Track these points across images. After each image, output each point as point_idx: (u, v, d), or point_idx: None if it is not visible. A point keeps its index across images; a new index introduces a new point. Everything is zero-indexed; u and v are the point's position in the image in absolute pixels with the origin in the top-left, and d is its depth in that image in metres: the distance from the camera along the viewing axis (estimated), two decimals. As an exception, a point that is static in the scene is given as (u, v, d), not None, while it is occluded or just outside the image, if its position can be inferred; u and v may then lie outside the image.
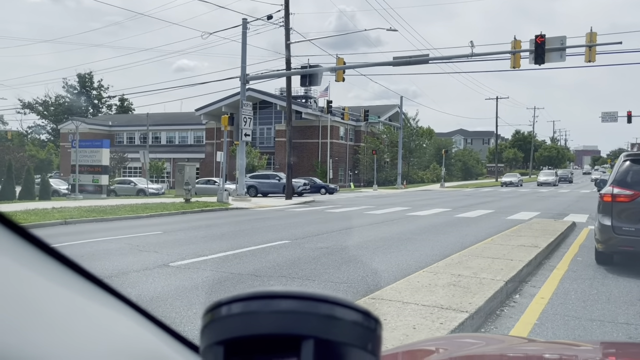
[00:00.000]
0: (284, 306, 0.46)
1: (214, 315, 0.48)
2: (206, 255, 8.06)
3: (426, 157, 58.69)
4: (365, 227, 12.61)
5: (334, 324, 0.46)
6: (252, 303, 0.47)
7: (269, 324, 0.46)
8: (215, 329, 0.48)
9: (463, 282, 5.46)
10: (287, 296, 0.47)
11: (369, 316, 0.49)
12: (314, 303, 0.46)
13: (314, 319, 0.46)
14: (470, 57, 20.57)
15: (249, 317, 0.46)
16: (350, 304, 0.48)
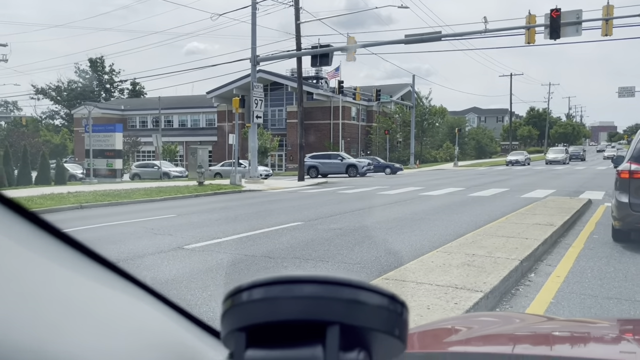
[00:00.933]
0: (307, 291, 0.44)
1: (234, 301, 0.47)
2: (220, 238, 8.11)
3: (439, 136, 58.20)
4: (379, 207, 12.58)
5: (359, 309, 0.45)
6: (274, 288, 0.45)
7: (292, 310, 0.44)
8: (237, 314, 0.46)
9: (477, 262, 5.43)
10: (310, 281, 0.45)
11: (395, 300, 0.47)
12: (337, 287, 0.45)
13: (338, 304, 0.44)
14: (483, 33, 20.20)
15: (271, 303, 0.44)
16: (376, 288, 0.46)
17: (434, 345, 1.33)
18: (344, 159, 32.32)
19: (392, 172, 34.46)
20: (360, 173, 31.15)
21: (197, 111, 56.39)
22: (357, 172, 31.42)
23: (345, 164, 31.77)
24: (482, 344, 1.35)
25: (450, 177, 27.63)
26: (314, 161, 32.39)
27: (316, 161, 32.50)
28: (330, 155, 33.60)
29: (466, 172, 33.61)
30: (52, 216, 12.11)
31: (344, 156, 33.27)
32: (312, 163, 32.01)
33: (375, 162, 35.48)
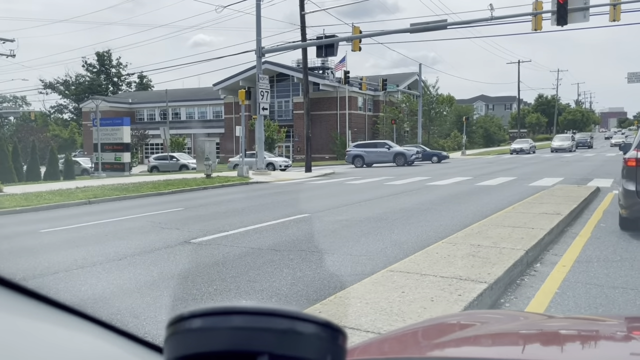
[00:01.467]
0: (240, 322, 0.46)
1: (175, 329, 0.49)
2: (227, 231, 8.16)
3: (447, 125, 57.86)
4: (385, 198, 12.58)
5: (290, 339, 0.46)
6: (210, 319, 0.47)
7: (225, 340, 0.46)
8: (176, 343, 0.48)
9: (482, 253, 5.43)
10: (244, 312, 0.47)
11: (330, 327, 0.49)
12: (270, 318, 0.47)
13: (269, 335, 0.46)
14: (490, 20, 20.01)
15: (207, 333, 0.46)
16: (308, 317, 0.48)
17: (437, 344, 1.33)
18: (391, 147, 30.66)
19: (439, 160, 33.22)
20: (408, 162, 29.40)
21: (204, 103, 56.46)
22: (406, 161, 29.56)
23: (393, 153, 30.13)
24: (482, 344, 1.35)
25: (457, 166, 27.52)
26: (358, 150, 30.85)
27: (361, 150, 30.90)
28: (377, 143, 32.02)
29: (474, 161, 33.46)
30: (61, 212, 12.23)
31: (391, 144, 31.55)
32: (357, 152, 30.55)
33: (423, 150, 34.12)
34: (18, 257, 6.80)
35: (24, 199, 13.72)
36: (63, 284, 5.29)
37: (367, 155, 30.58)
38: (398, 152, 30.60)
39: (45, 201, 13.36)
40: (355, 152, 30.58)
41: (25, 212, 12.21)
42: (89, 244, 7.49)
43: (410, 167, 28.64)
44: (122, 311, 4.34)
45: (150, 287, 5.12)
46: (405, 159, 29.87)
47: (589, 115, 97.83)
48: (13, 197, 14.45)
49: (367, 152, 30.69)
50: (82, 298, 4.72)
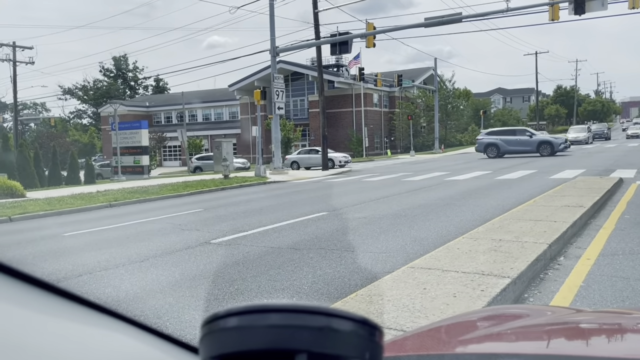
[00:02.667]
0: (277, 320, 0.46)
1: (210, 328, 0.48)
2: (246, 231, 8.19)
3: (464, 119, 57.37)
4: (403, 194, 12.51)
5: (328, 336, 0.46)
6: (246, 317, 0.47)
7: (262, 339, 0.45)
8: (212, 342, 0.48)
9: (504, 247, 5.36)
10: (280, 310, 0.47)
11: (367, 324, 0.48)
12: (306, 316, 0.46)
13: (307, 332, 0.45)
14: (505, 12, 19.76)
15: (244, 332, 0.46)
16: (345, 314, 0.47)
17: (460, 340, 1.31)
18: (533, 135, 26.93)
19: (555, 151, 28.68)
20: (556, 151, 25.71)
21: (220, 104, 56.83)
22: (553, 151, 25.80)
23: (537, 141, 26.24)
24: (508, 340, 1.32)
25: (476, 160, 27.24)
26: (493, 138, 27.11)
27: (496, 138, 27.10)
28: (516, 130, 28.06)
29: (492, 155, 33.07)
30: (83, 215, 12.42)
31: (532, 131, 27.85)
32: (491, 140, 26.89)
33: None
34: (43, 260, 6.91)
35: (47, 204, 13.95)
36: (87, 287, 5.37)
37: (503, 144, 26.79)
38: (543, 140, 26.71)
39: (67, 205, 13.58)
40: (489, 140, 26.97)
41: (49, 216, 12.42)
42: (112, 247, 7.59)
43: (554, 157, 25.23)
44: (146, 312, 4.39)
45: (172, 287, 5.17)
46: (552, 149, 25.87)
47: (610, 106, 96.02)
48: (36, 201, 14.71)
49: (504, 140, 26.83)
50: (106, 300, 4.78)
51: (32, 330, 0.40)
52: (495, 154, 26.88)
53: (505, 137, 27.21)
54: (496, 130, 28.98)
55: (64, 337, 0.44)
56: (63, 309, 0.45)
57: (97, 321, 0.49)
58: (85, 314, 0.48)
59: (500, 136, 27.37)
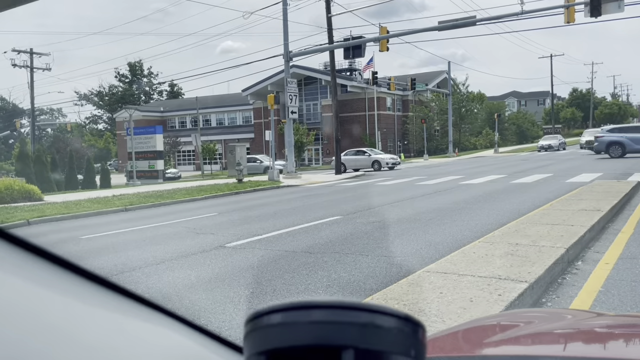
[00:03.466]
0: (322, 316, 0.46)
1: (254, 325, 0.49)
2: (260, 235, 8.21)
3: (478, 122, 57.02)
4: (417, 198, 12.46)
5: (374, 332, 0.46)
6: (290, 313, 0.47)
7: (308, 335, 0.46)
8: (256, 338, 0.48)
9: (521, 251, 5.31)
10: (325, 306, 0.47)
11: (410, 321, 0.48)
12: (351, 312, 0.46)
13: (353, 329, 0.45)
14: (520, 15, 19.63)
15: (288, 328, 0.46)
16: (389, 311, 0.47)
17: (479, 345, 1.30)
18: None
19: None
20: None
21: (233, 109, 57.15)
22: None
23: None
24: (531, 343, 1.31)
25: (491, 164, 27.05)
26: (616, 136, 24.43)
27: (620, 136, 24.45)
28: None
29: (507, 158, 32.85)
30: (100, 219, 12.55)
31: None
32: (614, 138, 24.22)
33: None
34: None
35: (64, 207, 14.13)
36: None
37: (630, 142, 24.08)
38: None
39: (84, 209, 13.74)
40: (611, 138, 24.34)
41: (66, 219, 12.57)
42: (128, 250, 7.65)
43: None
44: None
45: (188, 290, 5.20)
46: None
47: (627, 109, 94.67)
48: (54, 205, 14.91)
49: (631, 138, 24.13)
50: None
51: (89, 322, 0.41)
52: (620, 154, 24.36)
53: (633, 134, 24.54)
54: (619, 127, 26.79)
55: (117, 330, 0.45)
56: (115, 303, 0.46)
57: (146, 315, 0.49)
58: (135, 307, 0.48)
59: (626, 134, 24.76)
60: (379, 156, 29.50)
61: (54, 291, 0.41)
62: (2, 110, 69.81)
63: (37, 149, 30.05)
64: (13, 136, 63.00)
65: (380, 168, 28.60)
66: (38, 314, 0.37)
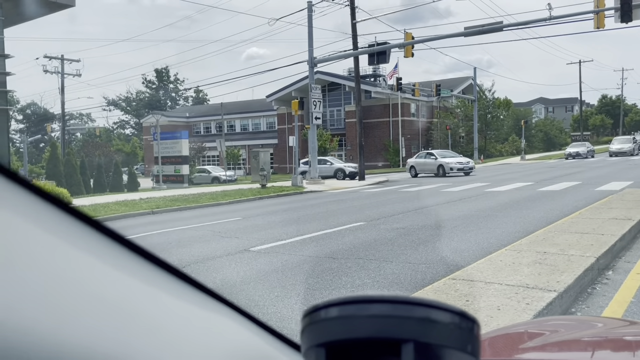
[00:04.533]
0: (381, 310, 0.47)
1: (312, 319, 0.50)
2: (284, 240, 8.24)
3: (504, 129, 56.25)
4: (442, 205, 12.34)
5: (432, 327, 0.47)
6: (348, 307, 0.48)
7: (368, 328, 0.47)
8: (315, 331, 0.49)
9: (549, 260, 5.21)
10: (382, 300, 0.48)
11: (466, 317, 0.49)
12: (410, 307, 0.47)
13: (412, 323, 0.46)
14: (548, 20, 19.35)
15: (347, 321, 0.47)
16: (446, 306, 0.48)
17: (506, 352, 1.28)
18: None
19: None
20: None
21: (257, 115, 57.59)
22: None
23: None
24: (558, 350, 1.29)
25: (517, 171, 26.64)
26: None
27: None
28: None
29: (534, 166, 32.32)
30: (127, 221, 12.77)
31: None
32: None
33: None
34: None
35: (93, 210, 14.42)
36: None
37: None
38: None
39: (112, 211, 14.00)
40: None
41: (94, 222, 12.80)
42: (155, 252, 7.76)
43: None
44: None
45: (213, 294, 5.24)
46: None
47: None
48: (82, 208, 15.21)
49: None
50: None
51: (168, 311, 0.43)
52: None
53: None
54: None
55: (191, 320, 0.46)
56: (188, 294, 0.48)
57: (211, 306, 0.51)
58: (202, 298, 0.50)
59: None
60: (444, 160, 26.49)
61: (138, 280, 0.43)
62: (34, 115, 71.71)
63: (67, 153, 30.74)
64: (44, 140, 64.65)
65: (444, 174, 25.89)
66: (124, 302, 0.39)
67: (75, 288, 0.34)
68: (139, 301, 0.42)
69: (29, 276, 0.31)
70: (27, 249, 0.32)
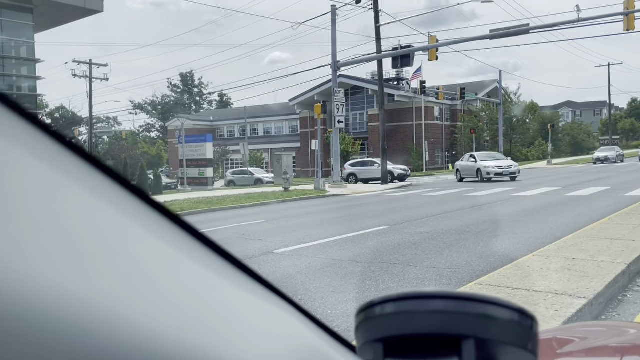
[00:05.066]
0: (440, 306, 0.46)
1: (368, 314, 0.50)
2: (307, 243, 8.25)
3: (530, 133, 55.39)
4: (467, 210, 12.20)
5: (492, 324, 0.46)
6: (407, 303, 0.47)
7: (428, 324, 0.46)
8: (371, 327, 0.49)
9: (578, 266, 5.10)
10: (439, 296, 0.47)
11: (525, 314, 0.48)
12: (469, 303, 0.46)
13: (472, 319, 0.46)
14: (576, 22, 19.02)
15: (406, 317, 0.47)
16: (505, 303, 0.47)
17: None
18: None
19: None
20: None
21: (280, 119, 57.88)
22: None
23: None
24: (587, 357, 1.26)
25: (543, 175, 26.19)
26: None
27: None
28: None
29: (561, 170, 31.73)
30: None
31: None
32: None
33: None
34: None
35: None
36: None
37: None
38: None
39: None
40: None
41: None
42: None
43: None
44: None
45: (237, 296, 5.27)
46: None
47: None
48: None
49: None
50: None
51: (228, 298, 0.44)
52: None
53: None
54: None
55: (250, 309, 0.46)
56: (248, 285, 0.48)
57: (271, 299, 0.51)
58: (260, 289, 0.50)
59: None
60: (497, 162, 23.88)
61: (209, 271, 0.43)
62: (62, 118, 73.36)
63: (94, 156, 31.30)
64: (72, 143, 65.85)
65: (483, 179, 23.41)
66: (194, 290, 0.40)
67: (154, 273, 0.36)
68: (208, 289, 0.42)
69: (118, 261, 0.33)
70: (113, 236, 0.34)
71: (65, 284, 0.29)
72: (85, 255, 0.31)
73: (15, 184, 0.29)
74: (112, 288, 0.32)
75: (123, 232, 0.35)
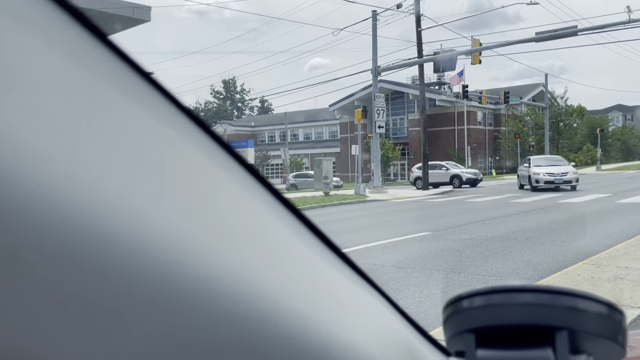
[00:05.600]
0: (530, 299, 0.48)
1: (456, 307, 0.52)
2: (349, 247, 8.23)
3: (577, 137, 53.62)
4: (512, 216, 11.91)
5: (582, 316, 0.47)
6: (496, 296, 0.49)
7: (521, 315, 0.48)
8: (462, 318, 0.51)
9: (632, 275, 4.90)
10: (528, 290, 0.49)
11: (614, 308, 0.49)
12: (560, 296, 0.48)
13: (563, 311, 0.47)
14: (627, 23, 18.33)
15: (497, 309, 0.49)
16: (594, 296, 0.48)
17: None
18: None
19: None
20: None
21: (320, 124, 58.15)
22: None
23: None
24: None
25: (592, 182, 25.28)
26: None
27: None
28: None
29: (611, 177, 30.56)
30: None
31: None
32: None
33: None
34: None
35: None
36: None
37: None
38: None
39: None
40: None
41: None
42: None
43: None
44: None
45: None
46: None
47: None
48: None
49: None
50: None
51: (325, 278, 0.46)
52: None
53: None
54: None
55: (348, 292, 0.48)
56: (344, 271, 0.50)
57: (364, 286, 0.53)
58: (355, 276, 0.52)
59: None
60: (536, 169, 21.03)
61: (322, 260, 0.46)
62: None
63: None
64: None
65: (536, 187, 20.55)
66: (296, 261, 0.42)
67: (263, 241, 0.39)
68: (325, 275, 0.45)
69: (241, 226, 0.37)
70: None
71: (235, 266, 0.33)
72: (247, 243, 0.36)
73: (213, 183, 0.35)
74: (266, 269, 0.36)
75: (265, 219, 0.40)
